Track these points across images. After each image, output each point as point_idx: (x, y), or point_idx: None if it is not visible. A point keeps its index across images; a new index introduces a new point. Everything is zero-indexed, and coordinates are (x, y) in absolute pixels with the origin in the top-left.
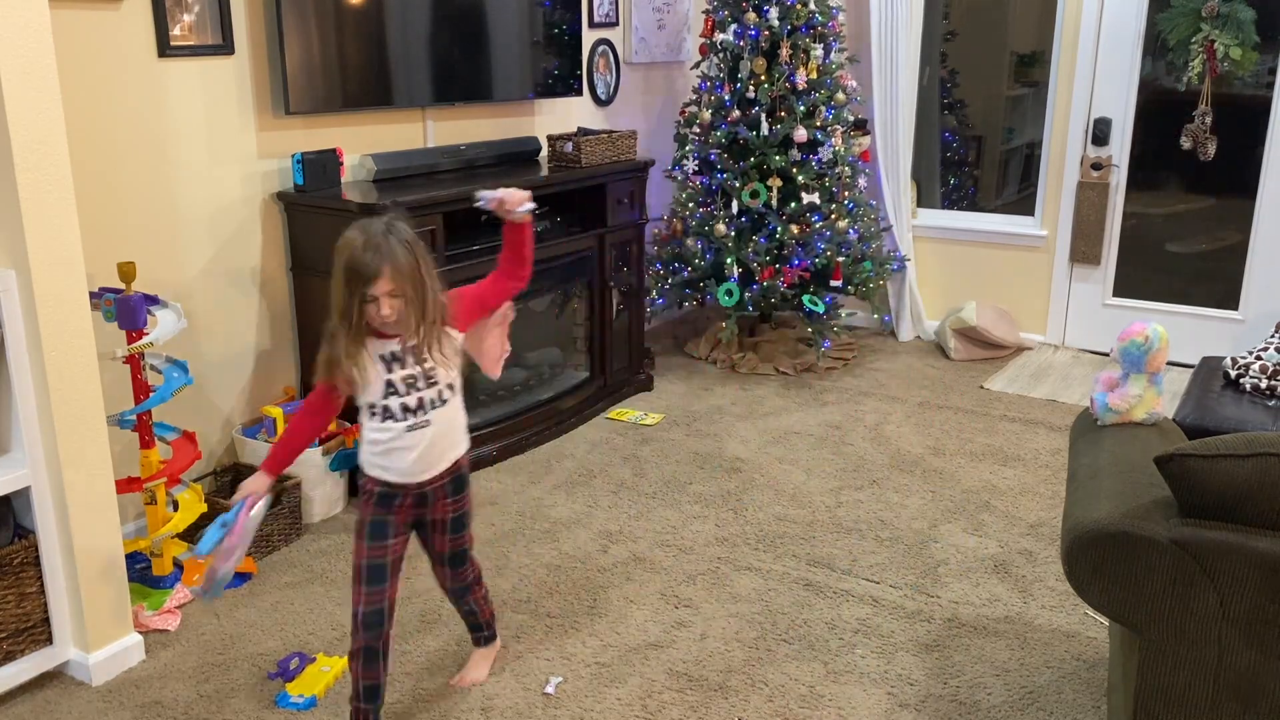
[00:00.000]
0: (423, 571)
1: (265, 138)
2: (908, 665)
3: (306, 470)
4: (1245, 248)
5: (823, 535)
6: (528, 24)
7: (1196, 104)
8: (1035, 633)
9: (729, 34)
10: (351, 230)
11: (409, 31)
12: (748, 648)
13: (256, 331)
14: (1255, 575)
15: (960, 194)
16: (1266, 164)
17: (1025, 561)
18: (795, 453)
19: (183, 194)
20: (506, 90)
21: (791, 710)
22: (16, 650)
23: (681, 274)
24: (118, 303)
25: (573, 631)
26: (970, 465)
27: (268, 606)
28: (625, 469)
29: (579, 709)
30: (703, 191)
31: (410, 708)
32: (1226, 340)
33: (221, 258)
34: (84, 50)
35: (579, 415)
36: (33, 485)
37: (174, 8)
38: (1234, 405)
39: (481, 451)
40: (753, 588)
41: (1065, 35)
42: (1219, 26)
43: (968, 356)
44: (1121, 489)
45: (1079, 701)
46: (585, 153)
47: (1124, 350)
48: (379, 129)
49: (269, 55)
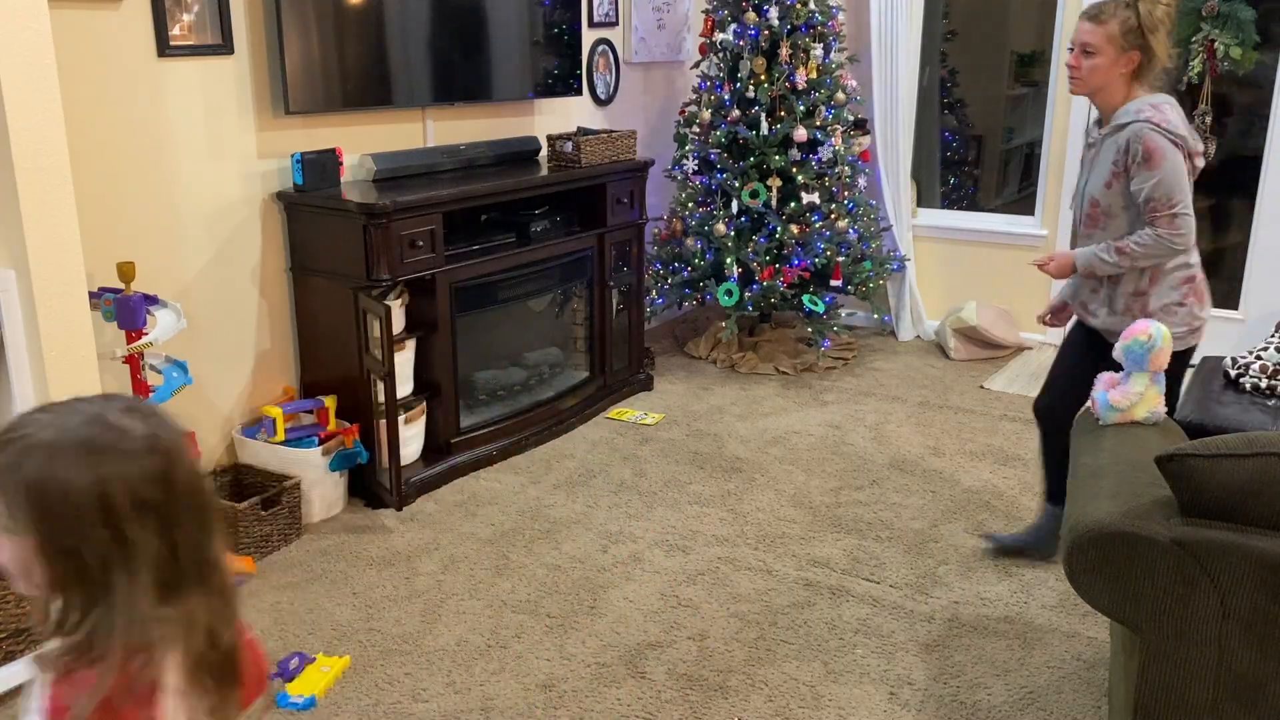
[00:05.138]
0: (423, 571)
1: (265, 137)
2: (908, 665)
3: (306, 470)
4: (1245, 248)
5: (823, 535)
6: (527, 24)
7: (1196, 104)
8: (1035, 633)
9: (729, 34)
10: None
11: (409, 31)
12: (748, 648)
13: (256, 331)
14: (1255, 575)
15: (960, 194)
16: (1266, 164)
17: (1025, 561)
18: (795, 453)
19: (182, 194)
20: (506, 90)
21: (791, 710)
22: (16, 650)
23: (681, 274)
24: (117, 303)
25: (573, 631)
26: (970, 465)
27: (267, 606)
28: (625, 469)
29: (579, 709)
30: (702, 191)
31: (409, 708)
32: (1226, 340)
33: (221, 258)
34: (84, 50)
35: (579, 415)
36: None
37: (174, 8)
38: (1234, 405)
39: (481, 451)
40: (753, 588)
41: (1065, 35)
42: (1219, 26)
43: (968, 356)
44: (1122, 489)
45: (1079, 701)
46: (585, 152)
47: (1126, 349)
48: (379, 129)
49: (269, 55)
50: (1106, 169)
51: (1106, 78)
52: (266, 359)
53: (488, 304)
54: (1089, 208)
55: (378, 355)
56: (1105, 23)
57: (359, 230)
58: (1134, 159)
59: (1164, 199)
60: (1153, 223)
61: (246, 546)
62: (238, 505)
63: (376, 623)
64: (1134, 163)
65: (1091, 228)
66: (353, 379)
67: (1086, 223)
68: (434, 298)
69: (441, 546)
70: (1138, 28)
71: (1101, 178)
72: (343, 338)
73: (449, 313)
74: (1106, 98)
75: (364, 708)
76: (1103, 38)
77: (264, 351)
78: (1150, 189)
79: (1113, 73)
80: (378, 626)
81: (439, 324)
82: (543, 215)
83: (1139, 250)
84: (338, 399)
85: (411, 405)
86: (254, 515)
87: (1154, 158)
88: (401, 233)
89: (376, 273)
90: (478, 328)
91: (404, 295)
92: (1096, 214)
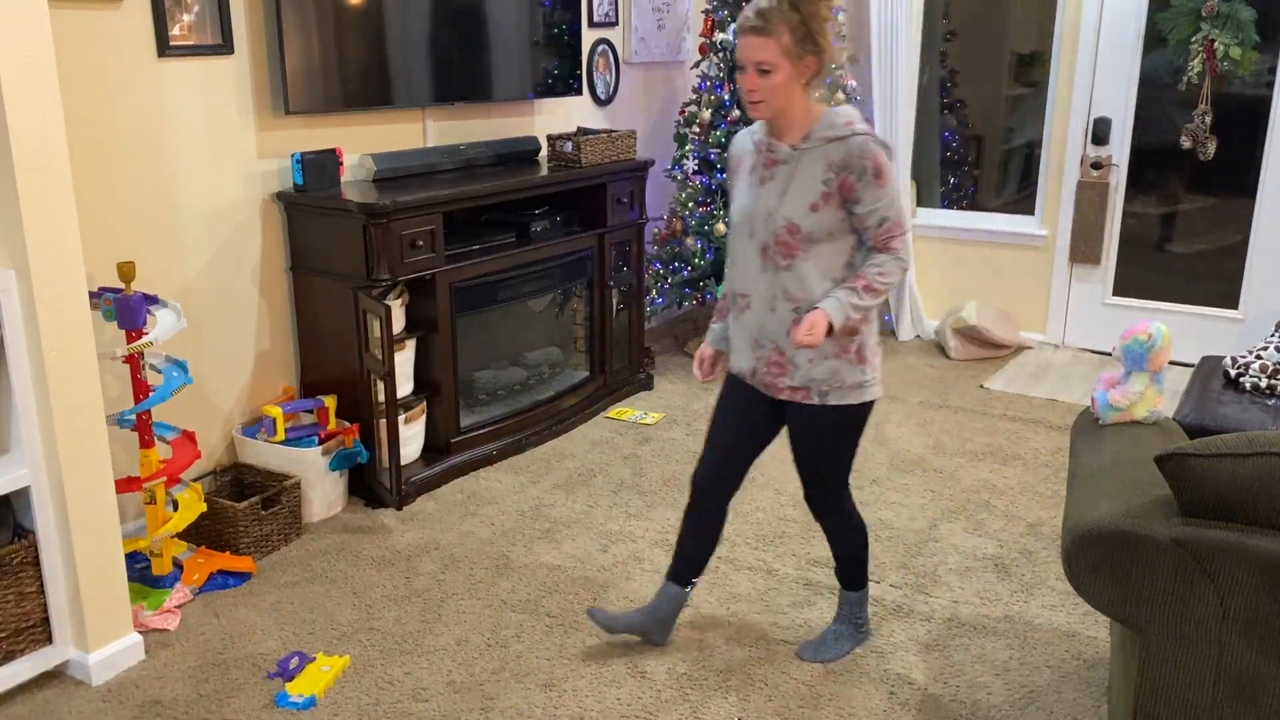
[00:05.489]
0: (423, 571)
1: (265, 137)
2: (908, 665)
3: (306, 470)
4: (1245, 247)
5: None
6: (527, 24)
7: (1196, 103)
8: (1035, 633)
9: (729, 33)
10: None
11: (409, 31)
12: (748, 648)
13: (256, 331)
14: (1255, 575)
15: (960, 193)
16: (1266, 163)
17: (1025, 561)
18: None
19: (182, 194)
20: (506, 90)
21: (791, 710)
22: (16, 650)
23: (681, 273)
24: (117, 302)
25: (573, 631)
26: (970, 465)
27: (268, 606)
28: (625, 469)
29: (579, 709)
30: (702, 191)
31: (409, 707)
32: (1226, 340)
33: (221, 258)
34: (84, 50)
35: (579, 415)
36: (32, 485)
37: (174, 8)
38: (1234, 405)
39: (481, 451)
40: (753, 588)
41: (1065, 35)
42: (1219, 26)
43: (967, 356)
44: (1122, 488)
45: (1079, 701)
46: (585, 152)
47: (1127, 348)
48: (379, 129)
49: (269, 55)
50: (814, 189)
51: (789, 94)
52: (266, 359)
53: (488, 304)
54: (784, 234)
55: (378, 355)
56: (773, 34)
57: (359, 230)
58: (860, 177)
59: (897, 218)
60: (886, 245)
61: (246, 546)
62: (238, 505)
63: (376, 622)
64: (860, 181)
65: (789, 257)
66: (353, 379)
67: (781, 252)
68: (434, 297)
69: (441, 546)
70: (808, 31)
71: (805, 199)
72: (343, 337)
73: (449, 312)
74: (790, 115)
75: (364, 708)
76: (775, 51)
77: (264, 351)
78: (884, 209)
79: (793, 87)
80: (378, 626)
81: (439, 324)
82: (543, 215)
83: (886, 283)
84: (338, 399)
85: (411, 405)
86: (254, 515)
87: (884, 174)
88: (402, 232)
89: (376, 272)
90: (478, 327)
91: (404, 295)
92: (795, 242)
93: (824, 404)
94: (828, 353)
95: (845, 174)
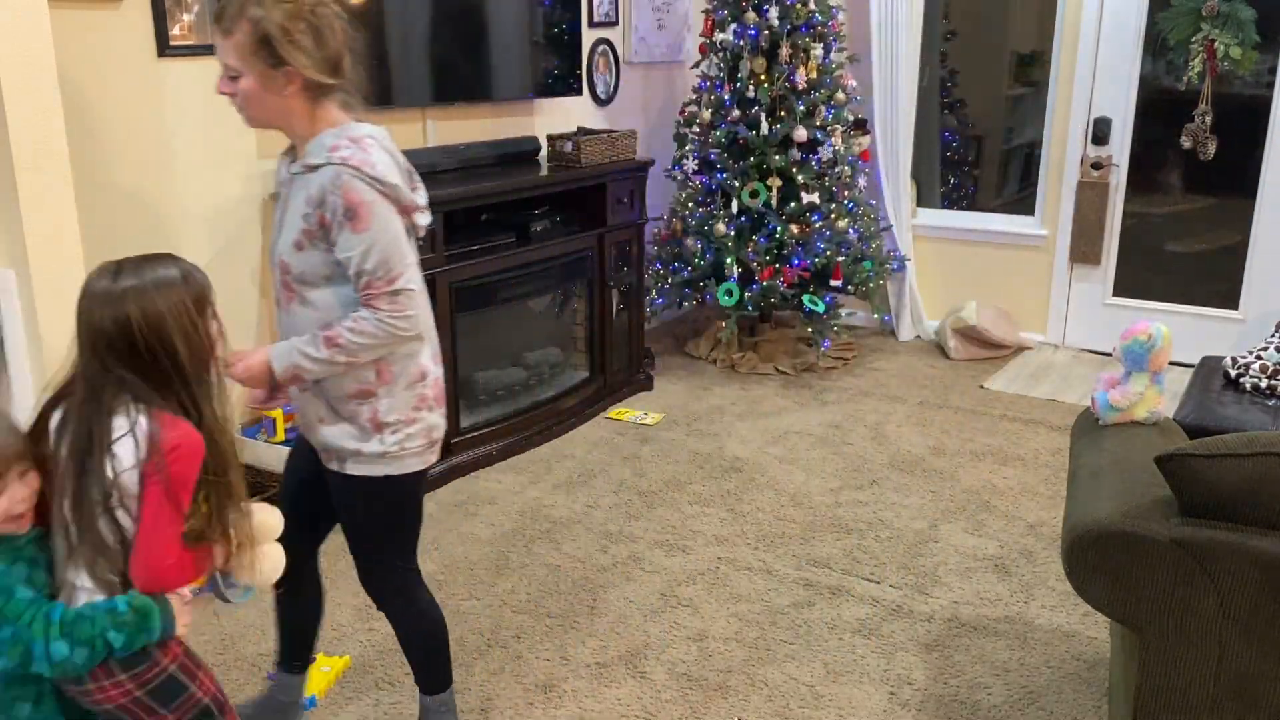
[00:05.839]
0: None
1: (265, 137)
2: (908, 665)
3: None
4: (1245, 247)
5: (823, 535)
6: (527, 23)
7: (1196, 103)
8: (1035, 633)
9: (729, 33)
10: None
11: (409, 31)
12: (748, 648)
13: (256, 331)
14: (1255, 575)
15: (960, 193)
16: (1266, 164)
17: (1025, 561)
18: (795, 453)
19: (182, 194)
20: (506, 90)
21: (791, 710)
22: None
23: (681, 274)
24: None
25: (573, 631)
26: (970, 465)
27: (268, 606)
28: (625, 469)
29: (579, 709)
30: (702, 191)
31: (409, 708)
32: (1226, 340)
33: (221, 258)
34: (84, 50)
35: (579, 415)
36: None
37: (174, 7)
38: (1234, 405)
39: (481, 451)
40: (753, 588)
41: (1065, 35)
42: (1219, 26)
43: (967, 356)
44: (1122, 488)
45: (1079, 701)
46: (585, 152)
47: (1127, 348)
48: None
49: None
50: (297, 225)
51: (275, 104)
52: None
53: (488, 304)
54: (279, 274)
55: None
56: (232, 34)
57: None
58: (333, 215)
59: (380, 271)
60: (370, 303)
61: None
62: None
63: (376, 622)
64: (334, 220)
65: (288, 301)
66: None
67: (282, 294)
68: (434, 297)
69: (441, 546)
70: (267, 40)
71: (290, 235)
72: None
73: (449, 312)
74: (292, 129)
75: (364, 707)
76: (236, 55)
77: None
78: (360, 258)
79: (270, 98)
80: (378, 626)
81: (439, 324)
82: (543, 215)
83: (356, 342)
84: None
85: None
86: None
87: (359, 215)
88: None
89: None
90: (478, 327)
91: None
92: (289, 283)
93: (342, 471)
94: (332, 415)
95: (320, 210)
